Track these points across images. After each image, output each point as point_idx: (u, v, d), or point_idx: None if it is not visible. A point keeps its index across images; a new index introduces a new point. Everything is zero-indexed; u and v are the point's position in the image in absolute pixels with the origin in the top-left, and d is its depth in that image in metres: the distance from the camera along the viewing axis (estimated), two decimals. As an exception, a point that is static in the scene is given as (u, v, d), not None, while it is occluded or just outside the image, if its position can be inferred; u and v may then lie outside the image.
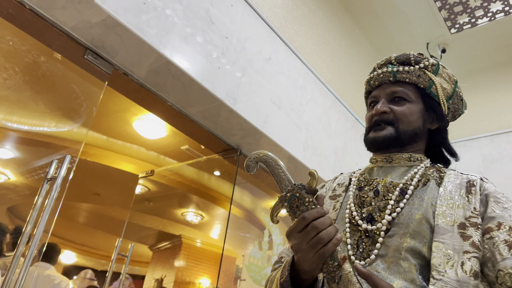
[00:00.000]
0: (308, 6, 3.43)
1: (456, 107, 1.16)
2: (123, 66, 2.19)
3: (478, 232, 0.89)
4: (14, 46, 2.08)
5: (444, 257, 0.85)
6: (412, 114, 1.06)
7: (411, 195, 0.97)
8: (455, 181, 1.00)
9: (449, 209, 0.93)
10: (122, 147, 4.55)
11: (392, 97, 1.08)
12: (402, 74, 1.09)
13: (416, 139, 1.07)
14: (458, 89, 1.15)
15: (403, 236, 0.90)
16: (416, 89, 1.09)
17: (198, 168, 4.12)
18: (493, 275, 0.87)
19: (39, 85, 2.26)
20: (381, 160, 1.09)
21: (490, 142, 3.74)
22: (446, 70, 1.14)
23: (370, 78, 1.16)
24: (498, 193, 0.97)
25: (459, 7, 3.52)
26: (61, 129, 2.32)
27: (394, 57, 1.13)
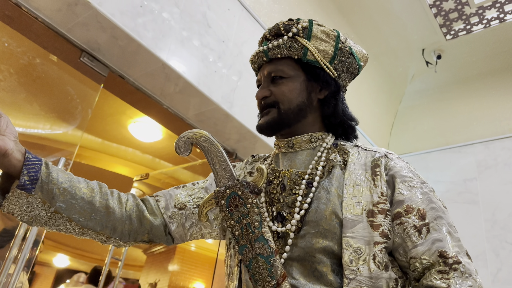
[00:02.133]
0: (305, 11, 3.44)
1: (347, 64, 1.03)
2: (119, 69, 2.18)
3: (387, 219, 0.87)
4: (10, 47, 2.07)
5: (355, 253, 0.82)
6: (292, 91, 0.99)
7: (317, 187, 0.92)
8: (360, 161, 0.95)
9: (356, 196, 0.89)
10: (117, 150, 4.53)
11: (271, 77, 1.02)
12: (273, 50, 1.00)
13: (304, 114, 1.00)
14: (342, 45, 1.02)
15: (314, 236, 0.86)
16: (293, 61, 1.00)
17: (193, 172, 4.11)
18: (405, 260, 0.86)
19: (34, 87, 2.25)
20: (283, 146, 1.03)
21: (484, 148, 3.76)
22: (322, 27, 1.02)
23: (251, 61, 1.09)
24: (403, 169, 0.93)
25: (454, 13, 3.55)
26: (56, 131, 2.31)
27: (268, 31, 1.04)
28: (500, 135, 3.73)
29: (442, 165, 3.89)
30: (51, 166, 0.86)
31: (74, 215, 0.87)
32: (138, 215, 0.98)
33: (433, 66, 4.04)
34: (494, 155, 3.67)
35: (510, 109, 3.81)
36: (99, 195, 0.92)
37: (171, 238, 1.03)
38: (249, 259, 0.79)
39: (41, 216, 0.84)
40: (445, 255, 0.82)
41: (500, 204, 3.45)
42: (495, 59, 3.92)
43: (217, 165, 0.83)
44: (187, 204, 1.03)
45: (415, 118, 4.37)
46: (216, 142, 0.85)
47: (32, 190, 0.81)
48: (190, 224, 1.03)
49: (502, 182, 3.52)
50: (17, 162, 0.81)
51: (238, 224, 0.82)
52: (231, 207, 0.80)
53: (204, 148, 0.85)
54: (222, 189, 0.81)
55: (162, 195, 1.05)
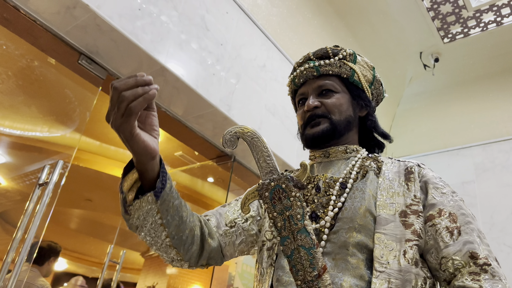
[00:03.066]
0: (303, 14, 3.45)
1: (378, 92, 1.18)
2: (117, 72, 2.18)
3: (419, 219, 0.90)
4: (8, 50, 2.07)
5: (386, 248, 0.85)
6: (342, 104, 1.07)
7: (351, 188, 0.96)
8: (393, 170, 1.00)
9: (390, 198, 0.93)
10: (115, 153, 4.52)
11: (320, 90, 1.09)
12: (325, 67, 1.10)
13: (351, 127, 1.08)
14: (377, 75, 1.17)
15: (348, 231, 0.89)
16: (340, 79, 1.10)
17: (191, 175, 4.11)
18: (436, 262, 0.88)
19: (32, 90, 2.25)
20: (319, 156, 1.09)
21: (482, 151, 3.77)
22: (363, 58, 1.16)
23: (294, 76, 1.15)
24: (436, 178, 0.98)
25: (452, 17, 3.56)
26: (54, 134, 2.30)
27: (312, 53, 1.14)
28: (498, 138, 3.75)
29: (440, 167, 3.90)
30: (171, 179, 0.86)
31: (173, 231, 0.88)
32: (202, 239, 0.99)
33: (430, 69, 4.05)
34: (492, 158, 3.68)
35: (508, 111, 3.83)
36: (190, 216, 0.93)
37: (223, 256, 1.06)
38: (291, 250, 0.80)
39: (145, 224, 0.84)
40: (476, 256, 0.84)
41: (498, 206, 3.45)
42: (493, 62, 3.93)
43: (262, 159, 0.85)
44: (237, 221, 1.07)
45: (413, 121, 4.38)
46: (261, 137, 0.87)
47: (158, 199, 0.81)
48: (240, 241, 1.06)
49: (500, 185, 3.53)
50: (157, 167, 0.81)
51: (281, 216, 0.82)
52: (274, 200, 0.82)
53: (250, 143, 0.87)
54: (266, 182, 0.82)
55: (212, 215, 1.08)
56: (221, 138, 0.86)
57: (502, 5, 3.39)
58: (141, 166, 0.80)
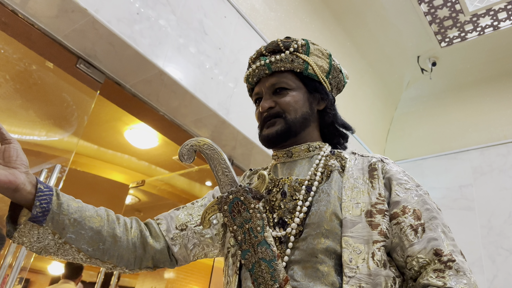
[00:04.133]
0: (301, 19, 3.46)
1: (338, 80, 1.14)
2: (115, 76, 2.18)
3: (385, 219, 0.89)
4: (6, 54, 2.06)
5: (354, 252, 0.84)
6: (297, 101, 1.04)
7: (317, 191, 0.94)
8: (357, 166, 0.99)
9: (354, 198, 0.91)
10: (113, 157, 4.52)
11: (273, 89, 1.06)
12: (276, 63, 1.06)
13: (308, 123, 1.06)
14: (334, 62, 1.12)
15: (316, 237, 0.88)
16: (294, 74, 1.06)
17: (189, 178, 4.10)
18: (402, 260, 0.87)
19: (30, 94, 2.24)
20: (282, 156, 1.06)
21: (479, 154, 3.78)
22: (316, 46, 1.11)
23: (248, 75, 1.13)
24: (399, 173, 0.96)
25: (449, 21, 3.58)
26: (52, 138, 2.30)
27: (264, 47, 1.10)
28: (495, 142, 3.76)
29: (438, 171, 3.91)
30: (62, 195, 0.86)
31: (83, 245, 0.88)
32: (142, 242, 0.99)
33: (428, 73, 4.07)
34: (489, 162, 3.69)
35: (505, 115, 3.84)
36: (106, 224, 0.93)
37: (175, 260, 1.05)
38: (252, 263, 0.80)
39: (50, 246, 0.84)
40: (440, 253, 0.84)
41: (496, 210, 3.46)
42: (490, 66, 3.95)
43: (220, 171, 0.84)
44: (188, 224, 1.05)
45: (411, 125, 4.39)
46: (219, 149, 0.86)
47: (43, 222, 0.81)
48: (193, 244, 1.04)
49: (497, 188, 3.54)
50: (28, 195, 0.81)
51: (241, 229, 0.82)
52: (233, 212, 0.81)
53: (207, 155, 0.86)
54: (225, 195, 0.82)
55: (163, 218, 1.07)
56: (178, 151, 0.85)
57: (499, 9, 3.41)
58: (13, 200, 0.81)
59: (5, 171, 0.77)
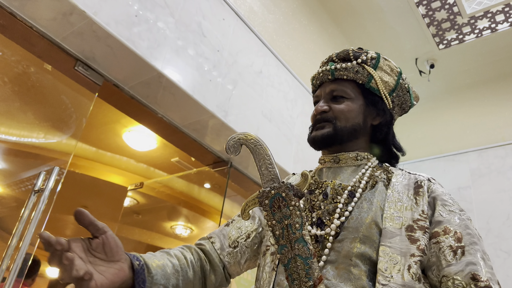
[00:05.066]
0: (299, 21, 3.47)
1: (403, 100, 1.13)
2: (114, 78, 2.18)
3: (425, 236, 0.89)
4: (4, 56, 2.06)
5: (391, 262, 0.84)
6: (351, 111, 1.05)
7: (360, 198, 0.95)
8: (403, 182, 0.99)
9: (397, 211, 0.92)
10: (111, 159, 4.51)
11: (332, 95, 1.08)
12: (340, 71, 1.07)
13: (357, 135, 1.06)
14: (402, 81, 1.11)
15: (353, 241, 0.88)
16: (356, 85, 1.07)
17: (188, 181, 4.10)
18: (436, 279, 0.86)
19: (28, 96, 2.24)
20: (329, 161, 1.08)
21: (478, 156, 3.78)
22: (388, 62, 1.11)
23: (313, 77, 1.16)
24: (445, 195, 0.97)
25: (447, 23, 3.59)
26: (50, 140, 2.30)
27: (335, 54, 1.12)
28: (493, 144, 3.76)
29: (436, 173, 3.91)
30: (150, 265, 0.86)
31: None
32: (203, 276, 1.02)
33: (426, 75, 4.08)
34: (488, 163, 3.70)
35: (503, 117, 3.85)
36: (181, 276, 0.95)
37: (229, 275, 1.08)
38: (288, 259, 0.80)
39: None
40: (477, 278, 0.82)
41: (494, 212, 3.46)
42: (487, 68, 3.96)
43: (264, 166, 0.85)
44: (239, 239, 1.07)
45: (409, 127, 4.39)
46: (264, 145, 0.87)
47: None
48: (245, 259, 1.07)
49: (495, 190, 3.54)
50: (129, 280, 0.80)
51: (280, 224, 0.82)
52: (274, 208, 0.82)
53: (253, 150, 0.87)
54: (267, 190, 0.83)
55: (216, 236, 1.09)
56: (225, 144, 0.86)
57: (497, 11, 3.42)
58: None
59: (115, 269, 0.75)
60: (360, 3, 3.57)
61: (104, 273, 0.72)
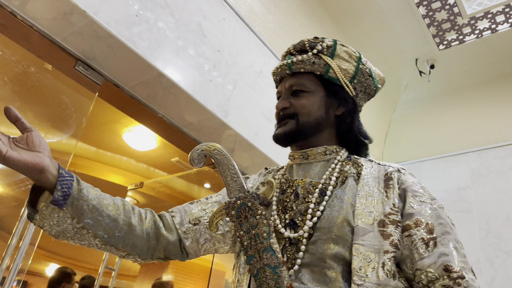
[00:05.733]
0: (299, 21, 3.47)
1: (366, 85, 1.09)
2: (114, 78, 2.18)
3: (398, 230, 0.88)
4: (4, 56, 2.06)
5: (365, 260, 0.84)
6: (312, 105, 1.03)
7: (331, 196, 0.94)
8: (373, 174, 0.98)
9: (368, 206, 0.91)
10: (111, 159, 4.51)
11: (292, 90, 1.06)
12: (297, 64, 1.06)
13: (321, 128, 1.04)
14: (362, 66, 1.08)
15: (326, 242, 0.88)
16: (315, 77, 1.05)
17: (188, 181, 4.10)
18: (411, 272, 0.87)
19: (28, 96, 2.24)
20: (298, 157, 1.06)
21: (477, 157, 3.78)
22: (345, 48, 1.08)
23: (273, 73, 1.14)
24: (415, 185, 0.95)
25: (447, 24, 3.59)
26: (50, 140, 2.30)
27: (292, 46, 1.11)
28: (493, 144, 3.76)
29: (436, 174, 3.91)
30: (82, 182, 0.88)
31: (100, 232, 0.90)
32: (155, 232, 1.01)
33: (426, 76, 4.08)
34: (487, 164, 3.70)
35: (503, 118, 3.85)
36: (123, 213, 0.95)
37: (186, 253, 1.06)
38: (257, 269, 0.80)
39: (68, 230, 0.86)
40: (450, 269, 0.83)
41: (494, 212, 3.46)
42: (488, 68, 3.96)
43: (229, 177, 0.85)
44: (201, 219, 1.06)
45: (409, 127, 4.39)
46: (228, 155, 0.87)
47: (64, 206, 0.83)
48: (204, 239, 1.05)
49: (495, 191, 3.54)
50: (52, 178, 0.82)
51: (247, 234, 0.83)
52: (240, 218, 0.82)
53: (217, 160, 0.87)
54: (233, 200, 0.83)
55: (177, 211, 1.08)
56: (188, 156, 0.86)
57: (497, 12, 3.43)
58: (37, 182, 0.83)
59: (32, 154, 0.79)
60: (360, 4, 3.57)
61: (18, 151, 0.77)
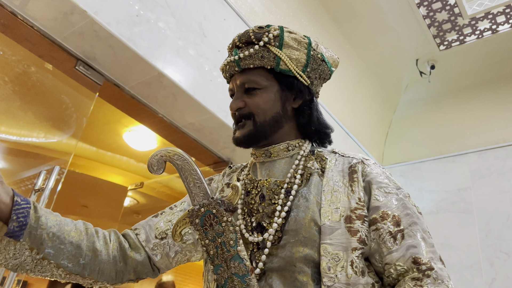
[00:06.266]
0: (300, 21, 3.47)
1: (319, 71, 1.03)
2: (114, 78, 2.18)
3: (364, 225, 0.87)
4: (5, 56, 2.07)
5: (333, 260, 0.82)
6: (266, 103, 0.98)
7: (296, 195, 0.91)
8: (337, 168, 0.96)
9: (334, 202, 0.89)
10: (111, 159, 4.51)
11: (244, 88, 1.01)
12: (245, 60, 0.99)
13: (279, 125, 1.00)
14: (314, 52, 1.02)
15: (294, 245, 0.85)
16: (266, 71, 0.99)
17: (188, 181, 4.09)
18: (380, 266, 0.86)
19: (29, 96, 2.24)
20: (260, 155, 1.02)
21: (478, 157, 3.78)
22: (293, 35, 1.02)
23: (221, 69, 1.07)
24: (379, 175, 0.93)
25: (447, 24, 3.59)
26: (50, 140, 2.30)
27: (238, 38, 1.02)
28: (494, 145, 3.76)
29: (436, 174, 3.91)
30: (40, 209, 0.81)
31: (63, 261, 0.83)
32: (121, 255, 0.96)
33: (427, 76, 4.07)
34: (488, 165, 3.69)
35: (503, 119, 3.85)
36: (86, 238, 0.89)
37: (157, 269, 1.02)
38: (224, 279, 0.76)
39: (27, 262, 0.80)
40: (418, 261, 0.82)
41: (495, 213, 3.46)
42: (488, 69, 3.96)
43: (191, 183, 0.80)
44: (168, 232, 1.01)
45: (409, 128, 4.39)
46: (190, 160, 0.82)
47: (20, 237, 0.76)
48: (175, 252, 1.01)
49: (496, 192, 3.54)
50: (4, 207, 0.76)
51: (213, 243, 0.78)
52: (205, 226, 0.77)
53: (178, 166, 0.82)
54: (196, 208, 0.78)
55: (141, 227, 1.03)
56: (147, 162, 0.81)
57: (497, 13, 3.42)
58: None
59: None
60: (361, 4, 3.57)
61: None
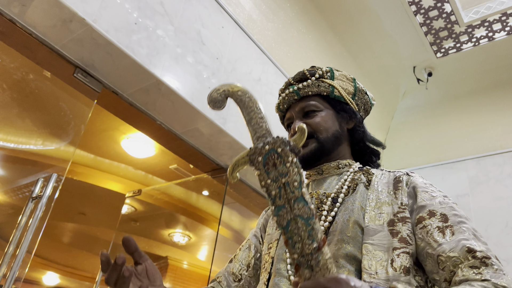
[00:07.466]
0: (298, 29, 3.49)
1: (364, 101, 1.20)
2: (113, 85, 2.19)
3: (406, 226, 0.89)
4: (3, 63, 2.07)
5: (374, 258, 0.85)
6: (327, 121, 1.09)
7: (342, 202, 0.98)
8: (383, 181, 1.01)
9: (378, 209, 0.93)
10: (109, 166, 4.50)
11: (303, 112, 1.12)
12: (303, 89, 1.12)
13: (339, 141, 1.10)
14: (358, 85, 1.19)
15: (338, 243, 0.90)
16: (322, 98, 1.12)
17: (186, 188, 4.09)
18: (433, 262, 0.83)
19: (27, 103, 2.24)
20: (313, 174, 1.11)
21: (476, 164, 3.78)
22: (341, 72, 1.18)
23: (278, 103, 1.21)
24: (425, 184, 0.98)
25: (444, 32, 3.61)
26: (48, 147, 2.29)
27: (292, 78, 1.17)
28: (491, 152, 3.77)
29: (434, 181, 3.88)
30: None
31: None
32: None
33: (424, 83, 4.09)
34: (486, 171, 3.70)
35: (501, 125, 3.86)
36: None
37: None
38: (287, 220, 0.69)
39: None
40: (473, 250, 0.79)
41: (493, 219, 3.46)
42: (485, 76, 3.98)
43: (254, 121, 0.75)
44: (241, 272, 1.13)
45: (407, 135, 4.40)
46: (253, 97, 0.77)
47: None
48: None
49: (494, 198, 3.54)
50: None
51: (275, 183, 0.71)
52: (268, 166, 0.71)
53: (242, 103, 0.78)
54: (260, 145, 0.72)
55: (221, 275, 1.16)
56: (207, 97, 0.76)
57: (494, 20, 3.45)
58: None
59: None
60: (358, 12, 3.59)
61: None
